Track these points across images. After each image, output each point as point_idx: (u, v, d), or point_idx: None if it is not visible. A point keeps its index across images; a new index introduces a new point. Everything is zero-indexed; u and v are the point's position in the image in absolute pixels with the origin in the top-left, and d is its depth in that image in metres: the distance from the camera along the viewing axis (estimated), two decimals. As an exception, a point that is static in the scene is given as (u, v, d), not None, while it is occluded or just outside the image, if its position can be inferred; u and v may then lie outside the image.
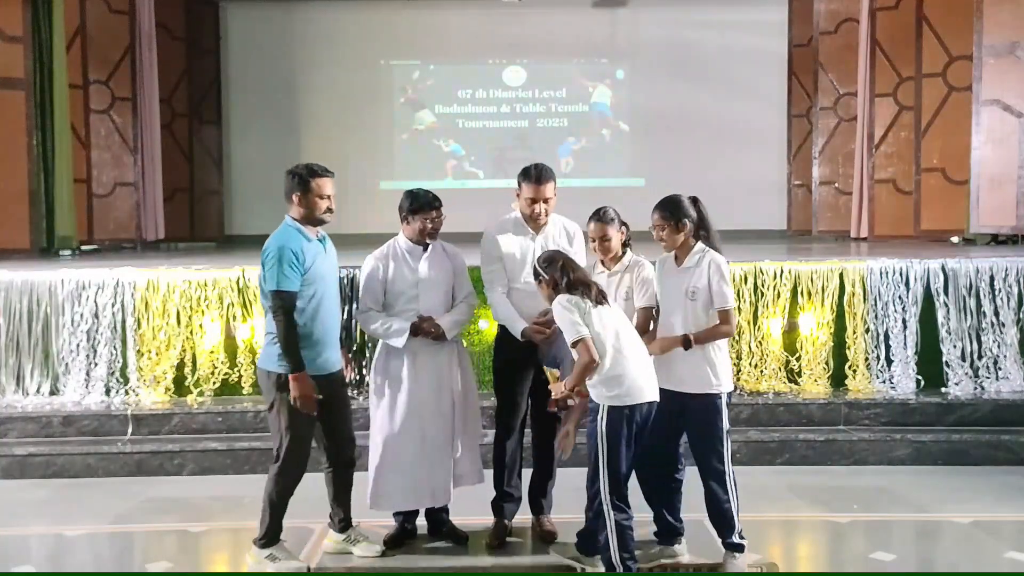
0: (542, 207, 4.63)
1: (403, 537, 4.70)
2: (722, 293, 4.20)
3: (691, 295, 4.23)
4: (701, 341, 4.19)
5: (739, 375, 6.56)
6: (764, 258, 6.85)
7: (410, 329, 4.53)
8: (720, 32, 13.21)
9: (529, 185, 4.62)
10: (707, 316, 4.23)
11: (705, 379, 4.22)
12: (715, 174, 12.90)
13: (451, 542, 4.70)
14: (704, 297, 4.23)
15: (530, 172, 4.64)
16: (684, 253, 4.31)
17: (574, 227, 4.84)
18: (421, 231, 4.62)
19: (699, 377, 4.22)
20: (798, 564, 4.69)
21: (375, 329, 4.63)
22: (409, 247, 4.68)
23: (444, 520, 4.75)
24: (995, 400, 6.38)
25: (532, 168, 4.66)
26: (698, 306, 4.24)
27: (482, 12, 13.29)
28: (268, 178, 13.21)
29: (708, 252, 4.28)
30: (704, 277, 4.22)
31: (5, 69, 8.98)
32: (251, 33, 13.47)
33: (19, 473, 5.94)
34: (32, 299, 6.57)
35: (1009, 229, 8.87)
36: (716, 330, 4.22)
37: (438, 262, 4.70)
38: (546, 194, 4.62)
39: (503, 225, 4.79)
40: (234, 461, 6.03)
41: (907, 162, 10.67)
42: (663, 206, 4.31)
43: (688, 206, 4.29)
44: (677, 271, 4.31)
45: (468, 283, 4.80)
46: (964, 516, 5.09)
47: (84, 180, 10.52)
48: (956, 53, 9.93)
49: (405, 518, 4.74)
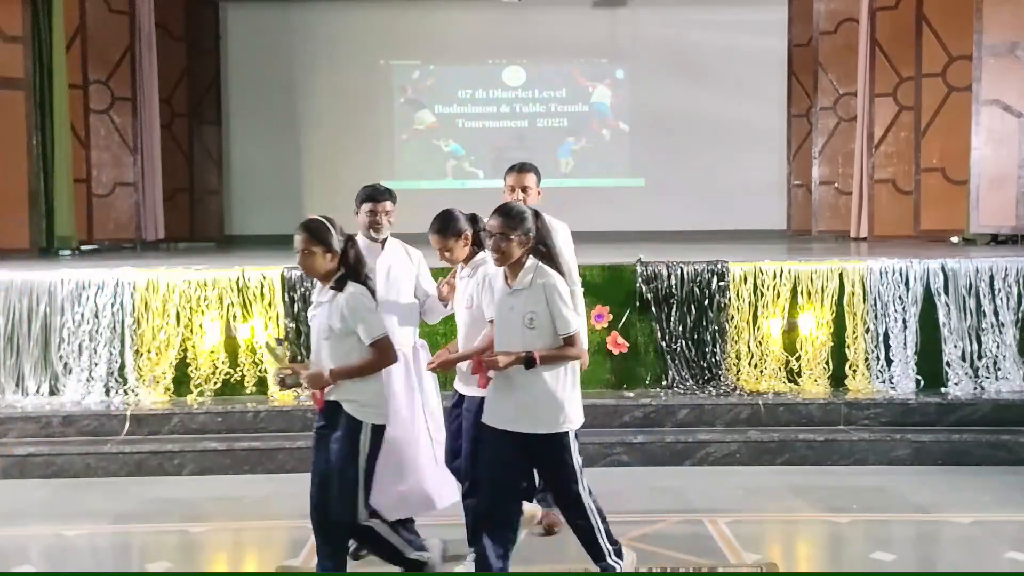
0: (521, 196, 4.69)
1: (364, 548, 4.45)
2: (563, 317, 3.78)
3: (528, 322, 3.78)
4: (547, 361, 3.76)
5: (739, 375, 6.57)
6: (764, 258, 6.86)
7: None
8: (720, 32, 13.20)
9: (510, 175, 4.80)
10: (555, 345, 3.80)
11: (549, 417, 3.80)
12: (715, 174, 12.92)
13: None
14: (544, 323, 3.78)
15: (513, 164, 4.86)
16: (515, 272, 3.86)
17: (557, 223, 4.70)
18: (364, 224, 4.53)
19: (542, 414, 3.80)
20: (798, 564, 4.69)
21: None
22: (366, 244, 4.46)
23: (410, 530, 4.51)
24: (995, 400, 6.38)
25: (516, 163, 4.88)
26: (538, 335, 3.78)
27: (482, 12, 13.29)
28: (268, 178, 13.31)
29: (541, 270, 3.83)
30: (541, 300, 3.78)
31: (5, 69, 8.98)
32: (251, 33, 13.47)
33: (19, 473, 5.93)
34: (32, 299, 6.56)
35: (1009, 229, 8.87)
36: (564, 352, 3.80)
37: (399, 263, 4.55)
38: (524, 182, 4.73)
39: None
40: (234, 461, 6.02)
41: (907, 162, 10.66)
42: (508, 213, 3.86)
43: (532, 218, 3.87)
44: (508, 293, 3.86)
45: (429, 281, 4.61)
46: (964, 516, 5.09)
47: (84, 180, 10.51)
48: (956, 53, 9.92)
49: None
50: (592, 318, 6.51)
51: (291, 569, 4.43)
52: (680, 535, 4.79)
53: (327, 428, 3.86)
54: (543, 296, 3.77)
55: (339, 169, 12.80)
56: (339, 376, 3.79)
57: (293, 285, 6.59)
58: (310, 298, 6.39)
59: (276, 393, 6.33)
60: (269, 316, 6.57)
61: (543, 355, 3.76)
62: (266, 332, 6.49)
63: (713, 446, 6.09)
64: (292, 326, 6.55)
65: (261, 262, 7.06)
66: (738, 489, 5.57)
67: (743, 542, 4.66)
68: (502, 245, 3.81)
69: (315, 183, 13.15)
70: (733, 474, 5.88)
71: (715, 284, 6.60)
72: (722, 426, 6.27)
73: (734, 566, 4.36)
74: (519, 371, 3.76)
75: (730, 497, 5.43)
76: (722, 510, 5.17)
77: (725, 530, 4.83)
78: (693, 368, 6.59)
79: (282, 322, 6.55)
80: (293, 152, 13.36)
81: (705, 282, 6.61)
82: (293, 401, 6.32)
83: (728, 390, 6.48)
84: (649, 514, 5.12)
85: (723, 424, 6.28)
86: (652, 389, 6.58)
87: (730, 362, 6.60)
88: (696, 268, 6.63)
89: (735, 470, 5.96)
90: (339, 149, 13.18)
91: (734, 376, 6.57)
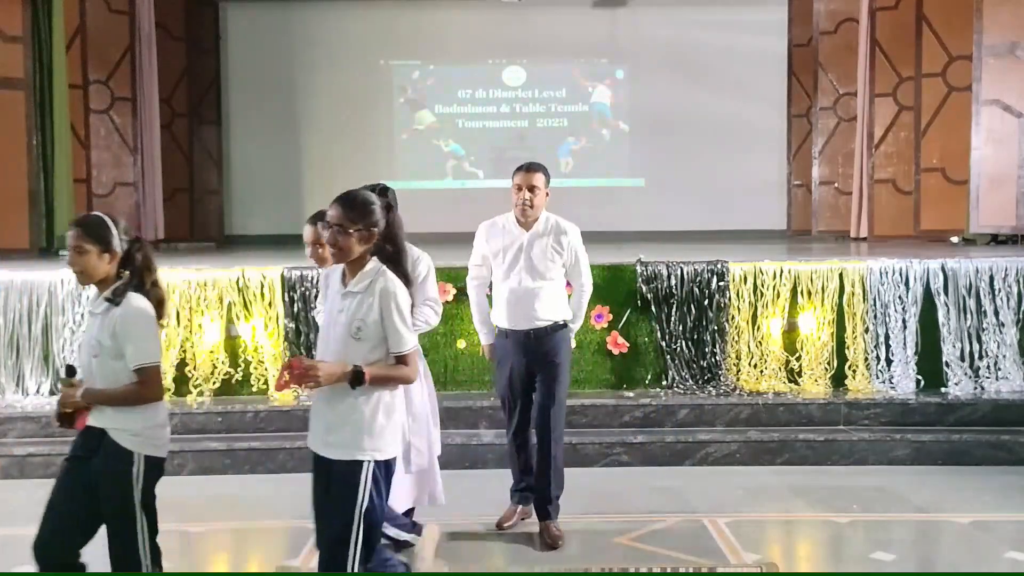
0: (528, 195, 4.63)
1: None
2: (398, 332, 3.20)
3: (355, 331, 3.19)
4: (377, 381, 3.19)
5: (739, 375, 6.57)
6: (764, 258, 6.86)
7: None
8: (720, 32, 13.20)
9: (518, 173, 4.71)
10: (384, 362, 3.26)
11: (351, 442, 3.21)
12: (715, 174, 12.92)
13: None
14: (373, 336, 3.20)
15: (522, 163, 4.78)
16: (354, 271, 3.27)
17: (568, 227, 4.77)
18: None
19: (345, 438, 3.22)
20: (798, 564, 4.69)
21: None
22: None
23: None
24: (995, 400, 6.38)
25: (525, 162, 4.80)
26: (365, 349, 3.20)
27: (482, 12, 13.28)
28: (268, 178, 13.31)
29: (383, 274, 3.25)
30: (374, 309, 3.20)
31: (5, 69, 8.98)
32: (251, 33, 13.46)
33: (19, 473, 5.93)
34: (32, 299, 6.57)
35: (1009, 229, 8.87)
36: (395, 372, 3.24)
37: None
38: (532, 181, 4.64)
39: (494, 221, 4.82)
40: (234, 461, 6.03)
41: (907, 162, 10.67)
42: (349, 203, 3.26)
43: (381, 212, 3.30)
44: (341, 294, 3.29)
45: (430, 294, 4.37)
46: (964, 516, 5.10)
47: (84, 180, 10.50)
48: (956, 53, 9.92)
49: None
50: (592, 318, 6.52)
51: (291, 569, 4.43)
52: (680, 535, 4.79)
53: (81, 458, 3.32)
54: (378, 305, 3.20)
55: (339, 169, 12.80)
56: (93, 400, 3.25)
57: (293, 285, 6.59)
58: (311, 299, 6.44)
59: (275, 393, 6.34)
60: (269, 316, 6.57)
61: (374, 374, 3.18)
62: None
63: (713, 446, 6.09)
64: (292, 326, 6.55)
65: (261, 262, 7.07)
66: (738, 489, 5.58)
67: (743, 542, 4.66)
68: (339, 240, 3.22)
69: (315, 183, 13.14)
70: (733, 474, 5.88)
71: (715, 284, 6.60)
72: (722, 426, 6.27)
73: (734, 566, 4.36)
74: (342, 388, 3.18)
75: (730, 497, 5.44)
76: (722, 510, 5.18)
77: (725, 530, 4.83)
78: (693, 368, 6.59)
79: (282, 322, 6.55)
80: (293, 152, 13.35)
81: (705, 282, 6.61)
82: (293, 401, 6.32)
83: (728, 390, 6.48)
84: (649, 514, 5.12)
85: (723, 424, 6.28)
86: (652, 389, 6.58)
87: (730, 362, 6.60)
88: (696, 268, 6.63)
89: (735, 470, 5.96)
90: (339, 149, 13.18)
91: (734, 376, 6.57)
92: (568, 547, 4.64)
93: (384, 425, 3.25)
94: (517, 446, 4.83)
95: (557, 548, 4.62)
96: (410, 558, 4.09)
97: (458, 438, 6.05)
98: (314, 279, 6.40)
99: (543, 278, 4.66)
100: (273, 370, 6.53)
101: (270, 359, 6.55)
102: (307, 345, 6.50)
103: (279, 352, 6.54)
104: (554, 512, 4.77)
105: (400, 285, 3.26)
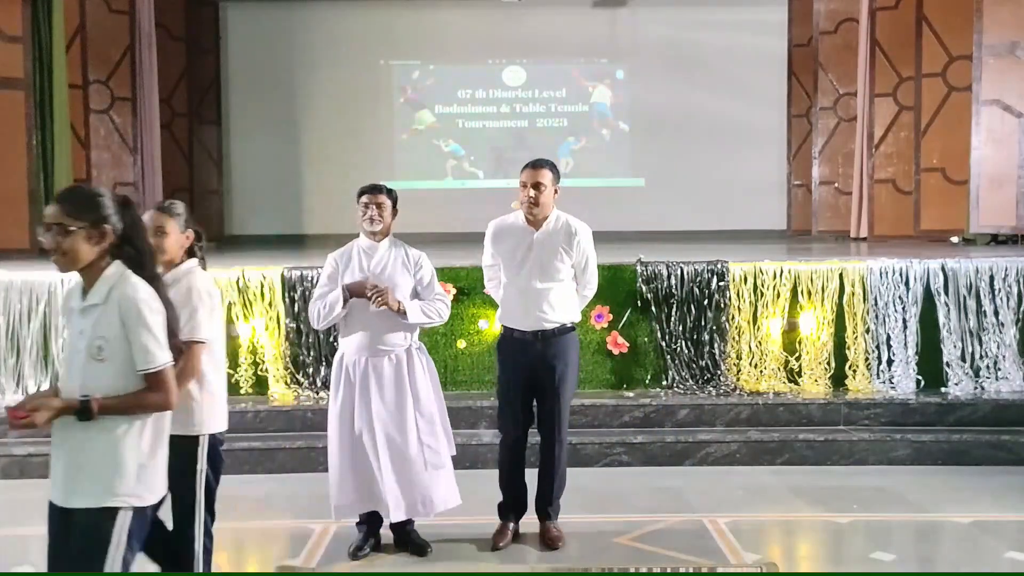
0: (533, 193, 4.58)
1: (366, 547, 4.54)
2: (143, 346, 2.72)
3: (96, 351, 2.72)
4: (112, 411, 2.71)
5: (739, 375, 6.57)
6: (764, 258, 6.86)
7: (348, 291, 4.36)
8: (720, 32, 13.19)
9: (525, 170, 4.66)
10: (135, 385, 2.76)
11: (94, 487, 2.73)
12: (715, 174, 12.91)
13: (413, 554, 4.54)
14: (118, 354, 2.73)
15: (529, 160, 4.72)
16: (91, 281, 2.79)
17: (580, 227, 4.71)
18: (361, 218, 4.54)
19: (85, 483, 2.74)
20: (798, 564, 4.69)
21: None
22: (367, 244, 4.55)
23: (408, 531, 4.61)
24: (995, 400, 6.38)
25: (534, 159, 4.74)
26: (110, 373, 2.73)
27: (482, 12, 13.28)
28: (268, 178, 13.30)
29: (125, 280, 2.77)
30: (115, 322, 2.72)
31: (5, 69, 8.97)
32: (251, 33, 13.46)
33: (19, 473, 5.94)
34: (32, 299, 6.56)
35: (1009, 229, 8.87)
36: (141, 398, 2.74)
37: (394, 263, 4.53)
38: (537, 178, 4.60)
39: (503, 220, 4.79)
40: (234, 461, 6.00)
41: (907, 162, 10.66)
42: (68, 197, 2.80)
43: (113, 206, 2.79)
44: (79, 311, 2.81)
45: (438, 291, 4.60)
46: (964, 516, 5.10)
47: (84, 180, 10.50)
48: (956, 53, 9.92)
49: (368, 529, 4.59)
50: (592, 318, 6.52)
51: (291, 569, 4.43)
52: (680, 535, 4.79)
53: None
54: (118, 315, 2.71)
55: (339, 169, 12.79)
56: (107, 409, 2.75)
57: (293, 285, 6.59)
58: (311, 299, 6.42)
59: (275, 393, 6.33)
60: (269, 316, 6.57)
61: (105, 403, 2.69)
62: None
63: (713, 446, 6.09)
64: (292, 326, 6.55)
65: (261, 262, 7.07)
66: (738, 489, 5.58)
67: (743, 542, 4.66)
68: (61, 241, 2.71)
69: (315, 183, 13.15)
70: (733, 474, 5.88)
71: (715, 284, 6.60)
72: (722, 426, 6.27)
73: (734, 566, 4.36)
74: (73, 424, 2.70)
75: (730, 497, 5.44)
76: (722, 510, 5.18)
77: (725, 530, 4.84)
78: (693, 368, 6.59)
79: (282, 322, 6.55)
80: (293, 152, 13.35)
81: (705, 282, 6.61)
82: (293, 401, 6.32)
83: (728, 390, 6.48)
84: (649, 514, 5.12)
85: (723, 424, 6.28)
86: (652, 389, 6.58)
87: (730, 362, 6.60)
88: (696, 268, 6.63)
89: (735, 470, 5.96)
90: (339, 149, 13.17)
91: (734, 376, 6.57)
92: (568, 547, 4.64)
93: (144, 465, 2.76)
94: (512, 456, 4.76)
95: (557, 549, 4.62)
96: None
97: (458, 438, 5.99)
98: (314, 279, 6.35)
99: (552, 279, 4.61)
100: (273, 370, 6.53)
101: (270, 359, 6.55)
102: (307, 345, 6.50)
103: (279, 352, 6.55)
104: (554, 513, 4.76)
105: (147, 289, 2.76)
